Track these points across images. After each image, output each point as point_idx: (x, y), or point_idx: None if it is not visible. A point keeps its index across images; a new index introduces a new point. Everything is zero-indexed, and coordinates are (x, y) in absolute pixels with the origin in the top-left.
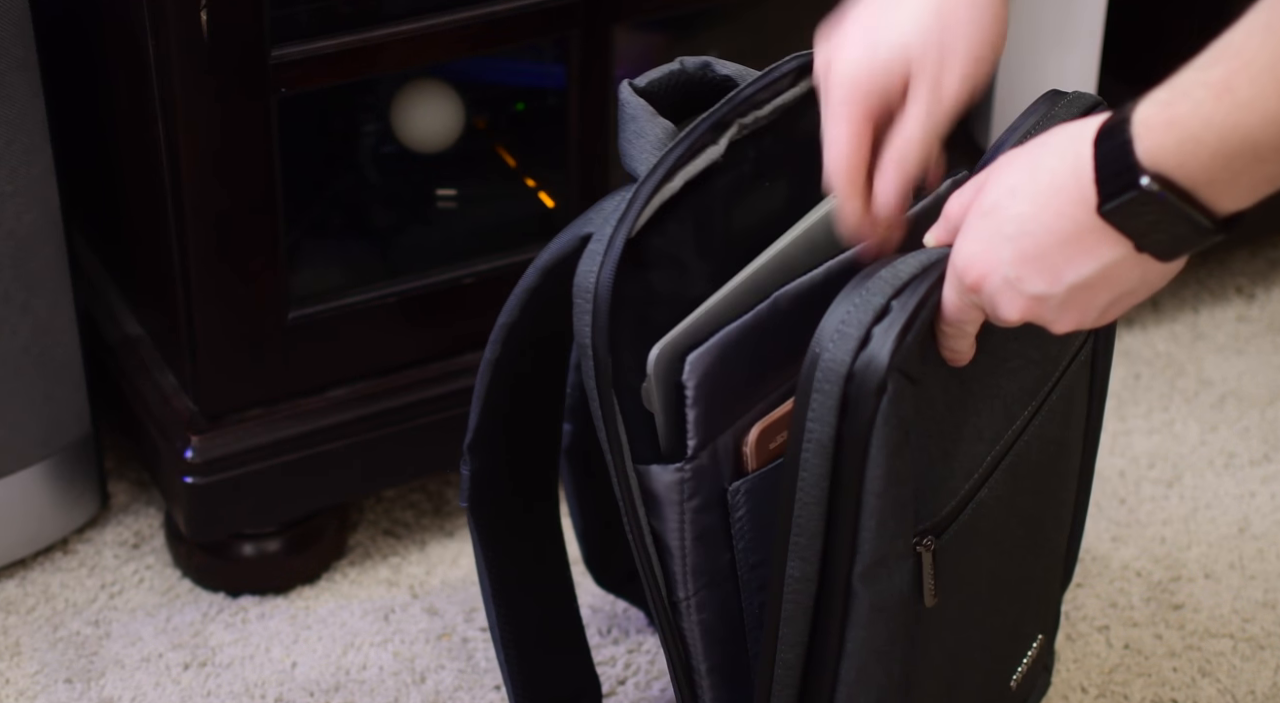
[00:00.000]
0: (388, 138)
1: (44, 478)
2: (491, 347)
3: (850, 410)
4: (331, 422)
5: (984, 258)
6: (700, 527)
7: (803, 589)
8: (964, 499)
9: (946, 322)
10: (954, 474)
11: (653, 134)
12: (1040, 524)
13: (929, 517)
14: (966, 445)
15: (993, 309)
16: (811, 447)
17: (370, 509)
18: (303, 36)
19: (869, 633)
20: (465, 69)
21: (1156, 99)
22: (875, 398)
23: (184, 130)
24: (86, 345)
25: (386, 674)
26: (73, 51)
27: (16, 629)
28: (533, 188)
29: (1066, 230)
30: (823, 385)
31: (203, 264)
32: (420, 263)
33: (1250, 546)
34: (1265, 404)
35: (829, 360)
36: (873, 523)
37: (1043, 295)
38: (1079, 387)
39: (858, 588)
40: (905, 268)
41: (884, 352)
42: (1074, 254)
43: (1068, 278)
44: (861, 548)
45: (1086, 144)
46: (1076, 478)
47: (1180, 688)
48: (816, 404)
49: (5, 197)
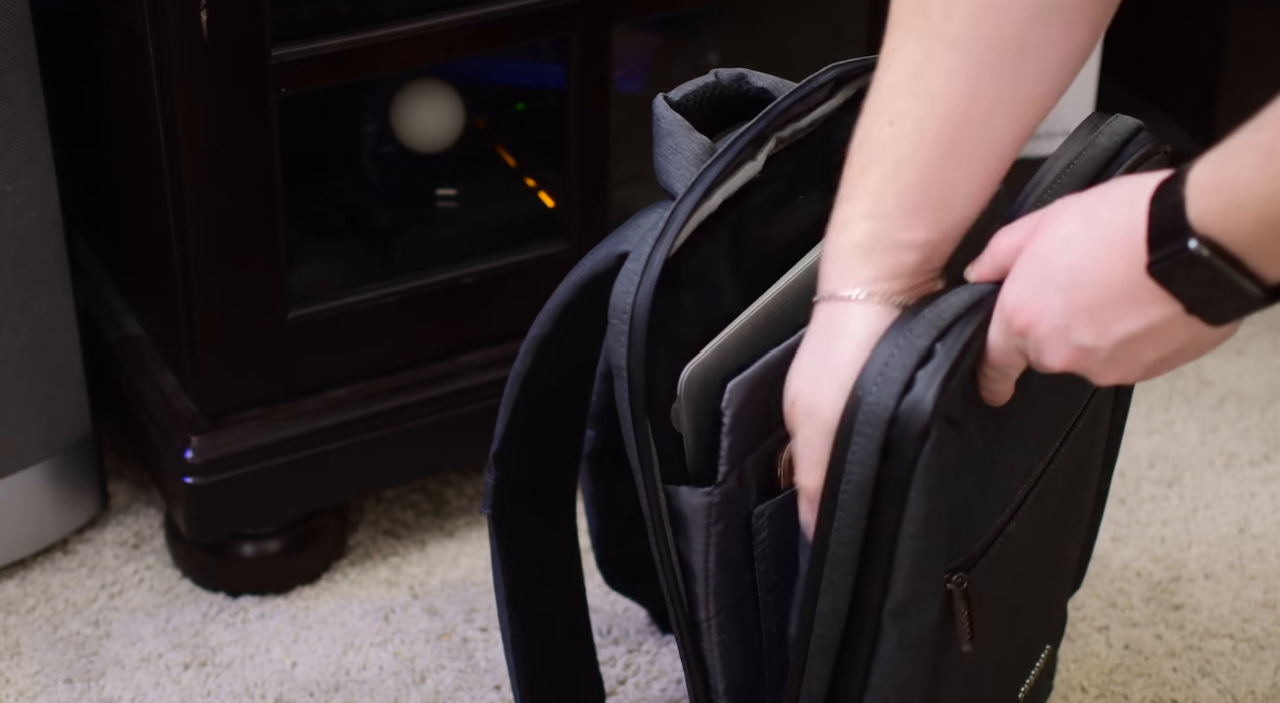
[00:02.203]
0: (388, 138)
1: (44, 478)
2: (522, 359)
3: (892, 454)
4: (331, 422)
5: (1033, 305)
6: (723, 549)
7: (832, 623)
8: (994, 534)
9: (990, 364)
10: (988, 510)
11: (689, 150)
12: (1060, 544)
13: (961, 553)
14: (1000, 481)
15: (1037, 355)
16: (850, 487)
17: (370, 509)
18: (303, 36)
19: (894, 668)
20: (465, 69)
21: (1210, 159)
22: (918, 442)
23: (184, 130)
24: (86, 345)
25: (386, 674)
26: (73, 51)
27: (16, 629)
28: (533, 188)
29: (1118, 286)
30: (864, 428)
31: (203, 264)
32: (420, 263)
33: (1250, 546)
34: (1265, 404)
35: (872, 403)
36: (907, 563)
37: (1090, 348)
38: (1104, 410)
39: (887, 625)
40: (949, 308)
41: (928, 397)
42: (1124, 310)
43: (1116, 333)
44: (894, 587)
45: (1143, 202)
46: (1094, 494)
47: (1180, 688)
48: (858, 446)
49: (5, 197)
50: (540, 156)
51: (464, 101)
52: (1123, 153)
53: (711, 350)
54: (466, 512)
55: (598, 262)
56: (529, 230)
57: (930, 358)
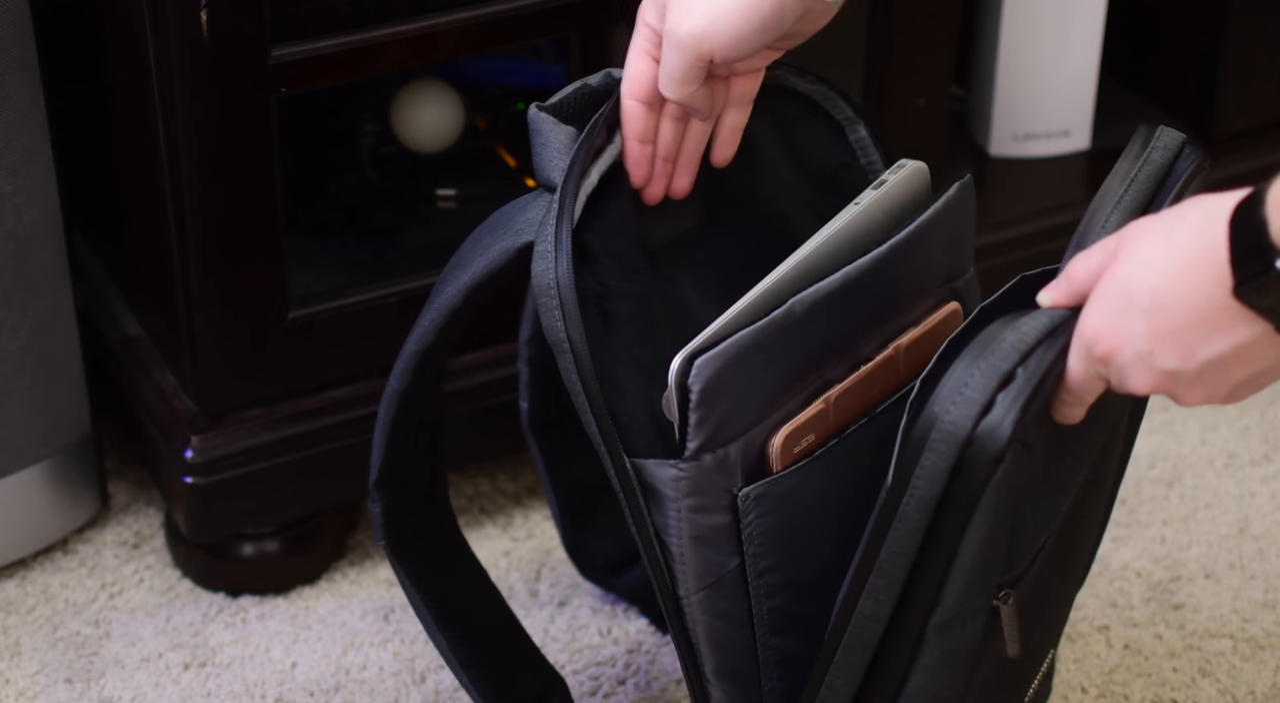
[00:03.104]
0: (388, 138)
1: (44, 478)
2: (399, 377)
3: (963, 474)
4: (331, 422)
5: (1116, 331)
6: (698, 528)
7: (870, 627)
8: (1040, 550)
9: (1069, 390)
10: (1038, 528)
11: (557, 141)
12: (1078, 553)
13: (1012, 570)
14: (1051, 498)
15: (1120, 380)
16: (914, 502)
17: None
18: (303, 36)
19: (932, 678)
20: (465, 69)
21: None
22: (991, 467)
23: (184, 130)
24: (86, 345)
25: (386, 674)
26: (73, 52)
27: (16, 629)
28: (532, 188)
29: (1202, 308)
30: (938, 446)
31: (203, 264)
32: (420, 263)
33: (1250, 546)
34: (1265, 404)
35: (949, 422)
36: (961, 581)
37: (1175, 371)
38: (1124, 419)
39: (931, 637)
40: (1031, 332)
41: (1007, 423)
42: (1209, 332)
43: (1201, 355)
44: (944, 602)
45: (1222, 223)
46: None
47: (1180, 688)
48: (929, 463)
49: (5, 196)
50: None
51: (464, 101)
52: (1175, 169)
53: (701, 339)
54: (466, 512)
55: (489, 261)
56: None
57: (1011, 381)
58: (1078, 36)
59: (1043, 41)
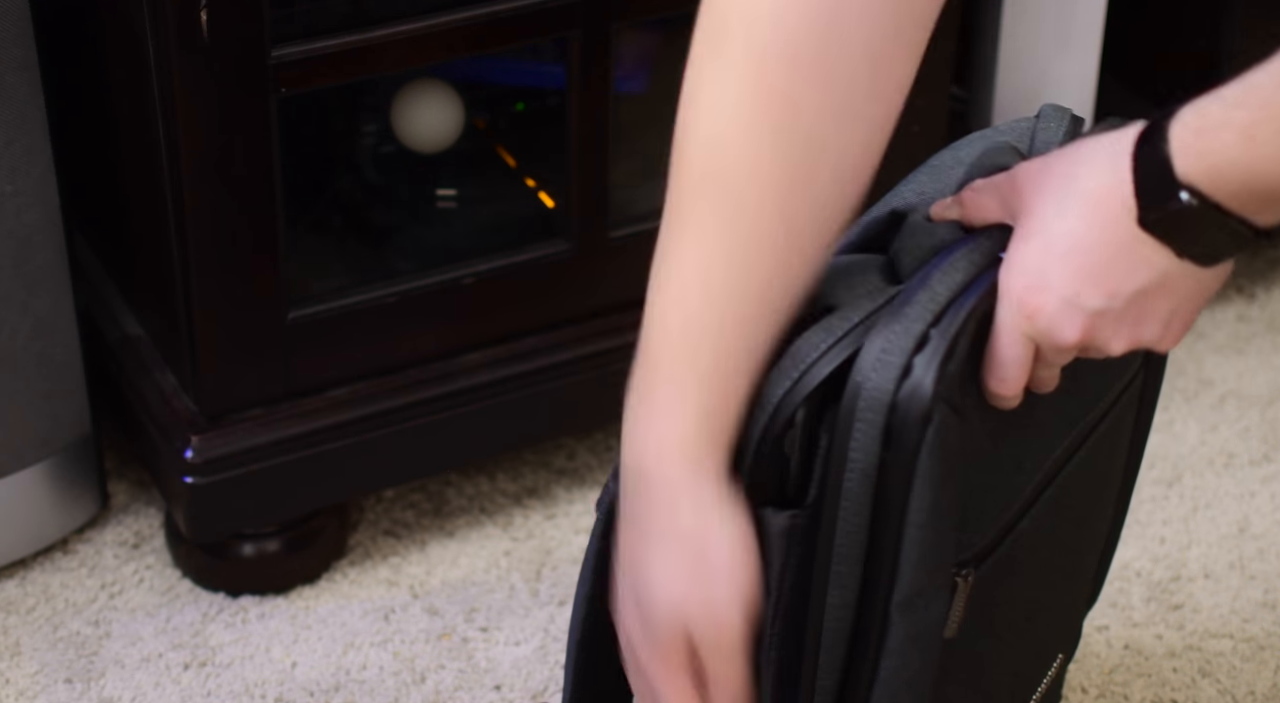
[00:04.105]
0: (388, 138)
1: (44, 478)
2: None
3: (894, 440)
4: (331, 422)
5: (1040, 280)
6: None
7: (842, 616)
8: (1003, 530)
9: (997, 362)
10: (995, 505)
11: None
12: (1078, 552)
13: (969, 547)
14: (1006, 476)
15: (1051, 334)
16: (854, 476)
17: (370, 509)
18: (303, 36)
19: (902, 662)
20: (465, 69)
21: (1188, 125)
22: (920, 428)
23: (184, 130)
24: (86, 345)
25: (386, 674)
26: (73, 52)
27: (16, 629)
28: (533, 188)
29: (1116, 241)
30: (865, 414)
31: (203, 264)
32: (420, 263)
33: (1250, 546)
34: (1265, 404)
35: (871, 389)
36: (914, 555)
37: (1102, 310)
38: (1126, 419)
39: (895, 617)
40: (943, 290)
41: (927, 381)
42: (1128, 264)
43: (1125, 289)
44: (902, 579)
45: (1125, 158)
46: (1114, 505)
47: (1180, 688)
48: (860, 433)
49: (5, 197)
50: (540, 156)
51: (464, 101)
52: None
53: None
54: (466, 512)
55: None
56: (529, 230)
57: (926, 343)
58: (1078, 36)
59: (1043, 41)
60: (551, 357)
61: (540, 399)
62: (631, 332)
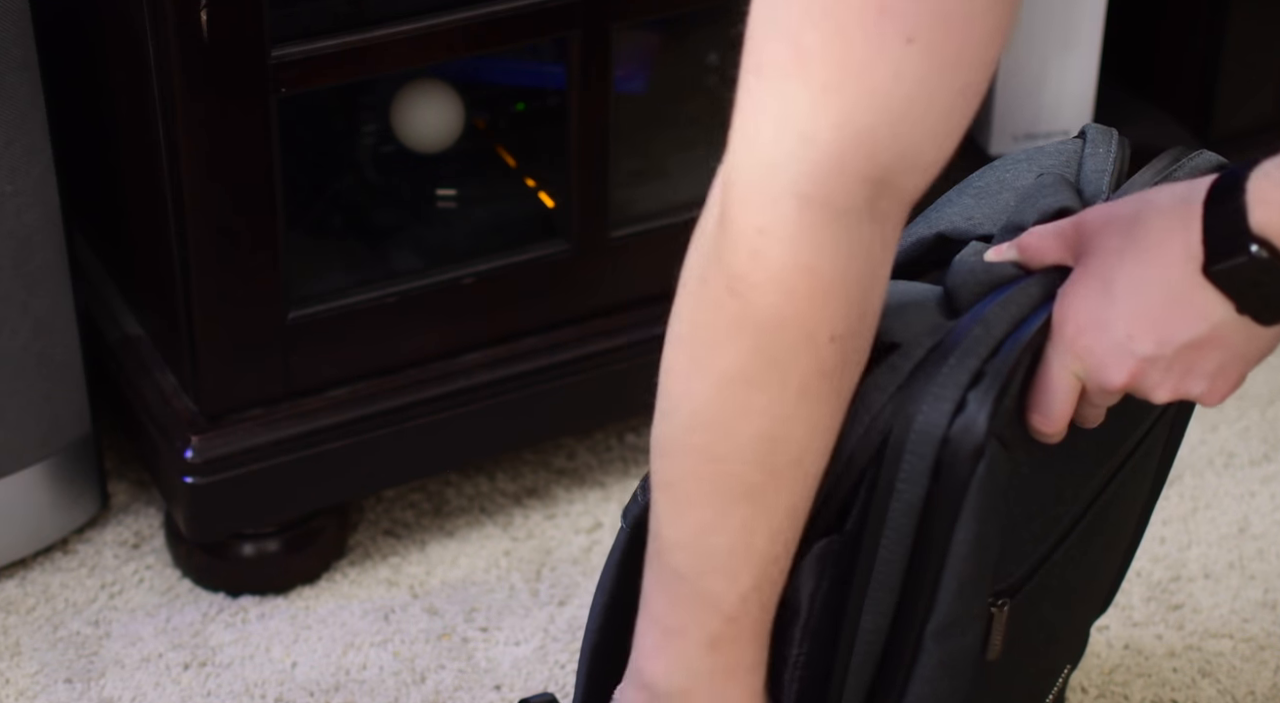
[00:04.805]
0: (388, 138)
1: (44, 478)
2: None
3: (944, 475)
4: (331, 422)
5: (1094, 320)
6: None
7: (874, 641)
8: (1040, 561)
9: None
10: (1034, 537)
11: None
12: (1098, 574)
13: (1006, 578)
14: (1045, 506)
15: (1099, 374)
16: (900, 506)
17: (370, 509)
18: (303, 36)
19: (932, 688)
20: (465, 69)
21: (1270, 175)
22: (971, 464)
23: (184, 130)
24: (86, 345)
25: (386, 674)
26: (73, 52)
27: (16, 629)
28: (533, 188)
29: (1176, 288)
30: (916, 448)
31: (203, 264)
32: (420, 263)
33: (1250, 546)
34: (1265, 404)
35: (923, 423)
36: (954, 585)
37: (1152, 356)
38: (1155, 446)
39: (929, 645)
40: (998, 325)
41: (981, 418)
42: (1184, 313)
43: (1178, 338)
44: (939, 608)
45: (1196, 205)
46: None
47: (1180, 688)
48: (909, 466)
49: (5, 197)
50: (540, 156)
51: (464, 101)
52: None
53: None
54: (466, 512)
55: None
56: (529, 230)
57: (981, 378)
58: (1078, 36)
59: (1043, 41)
60: (551, 357)
61: (540, 399)
62: (632, 331)
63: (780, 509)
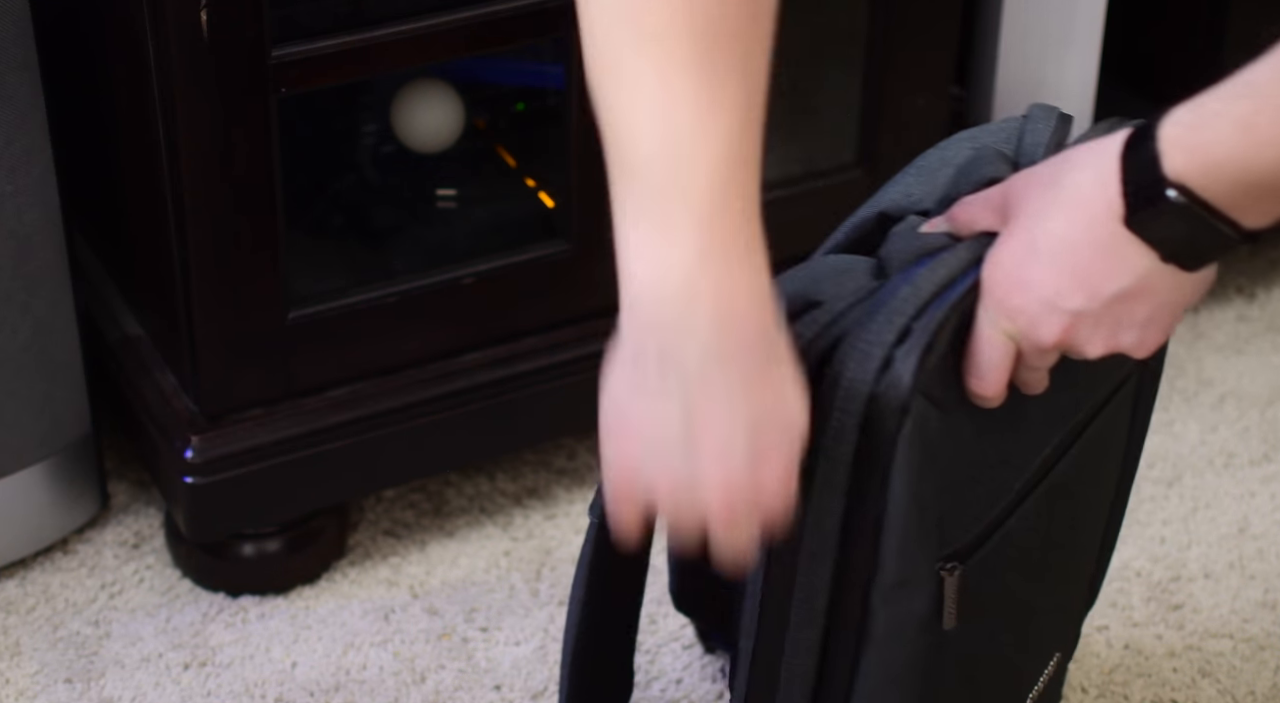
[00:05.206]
0: (388, 138)
1: (44, 478)
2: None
3: (872, 430)
4: (331, 422)
5: (1023, 280)
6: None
7: (815, 597)
8: (991, 526)
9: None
10: (980, 500)
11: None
12: (1070, 551)
13: (954, 542)
14: (992, 471)
15: (1031, 334)
16: (831, 463)
17: (370, 509)
18: (303, 36)
19: (885, 656)
20: (465, 69)
21: (1181, 121)
22: (897, 418)
23: (184, 130)
24: (86, 345)
25: (386, 674)
26: (73, 51)
27: (16, 629)
28: (533, 188)
29: (1099, 241)
30: (844, 404)
31: (203, 264)
32: (420, 263)
33: (1250, 546)
34: (1265, 404)
35: (850, 380)
36: (894, 543)
37: (1081, 311)
38: (1121, 418)
39: (876, 605)
40: (926, 286)
41: (906, 373)
42: (1110, 265)
43: (1106, 291)
44: (883, 567)
45: (1111, 158)
46: (1110, 503)
47: (1180, 688)
48: (838, 422)
49: (5, 196)
50: (540, 156)
51: (464, 101)
52: None
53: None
54: (466, 512)
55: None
56: (529, 230)
57: (907, 336)
58: (1078, 36)
59: (1043, 41)
60: (551, 357)
61: (540, 399)
62: None
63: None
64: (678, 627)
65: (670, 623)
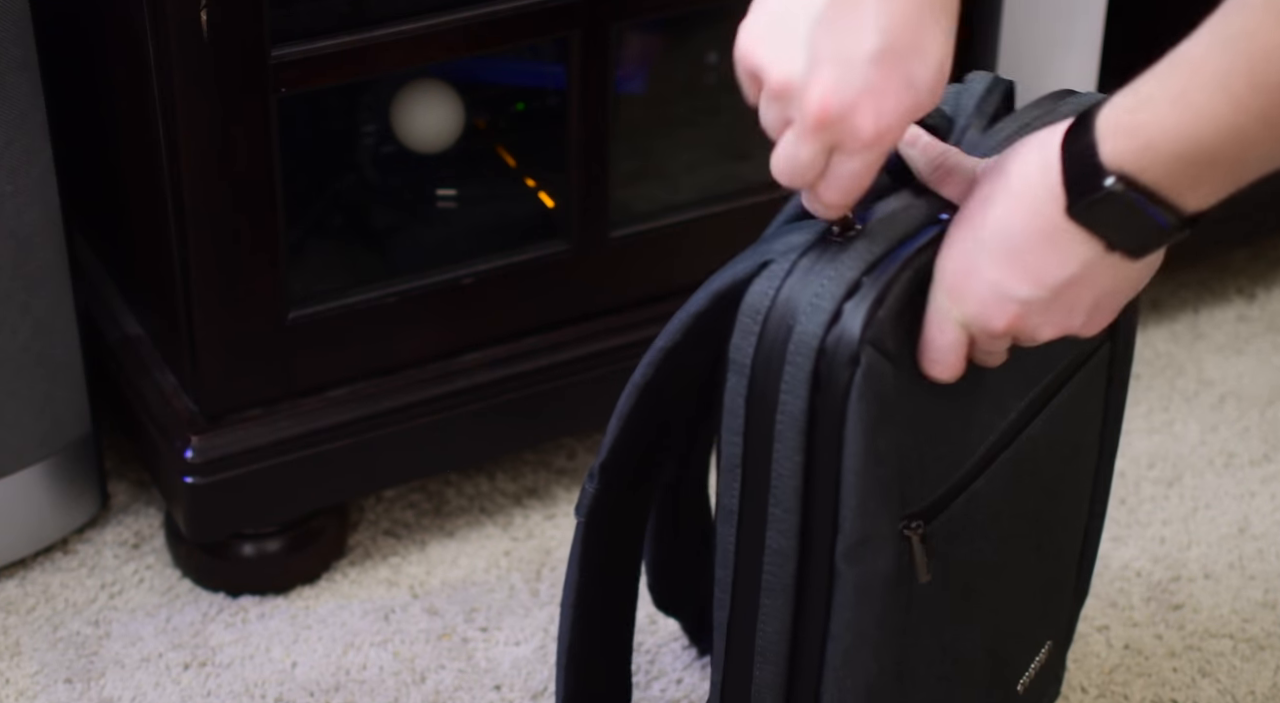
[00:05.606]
0: (388, 138)
1: (44, 478)
2: (643, 370)
3: (823, 385)
4: (331, 422)
5: (969, 267)
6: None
7: (783, 562)
8: (956, 487)
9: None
10: (943, 460)
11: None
12: (1049, 526)
13: (917, 502)
14: (955, 432)
15: (982, 319)
16: (785, 419)
17: (370, 509)
18: (303, 36)
19: (855, 615)
20: (465, 69)
21: (1119, 105)
22: (848, 371)
23: (184, 130)
24: (86, 345)
25: (386, 674)
26: (73, 51)
27: (16, 629)
28: (533, 188)
29: (1043, 231)
30: (795, 358)
31: (203, 264)
32: (420, 263)
33: (1250, 546)
34: (1265, 404)
35: (801, 333)
36: (853, 501)
37: (1029, 299)
38: (1093, 389)
39: (841, 567)
40: (881, 241)
41: (855, 326)
42: (1053, 254)
43: (1051, 279)
44: (843, 526)
45: (1053, 148)
46: (1091, 484)
47: (1180, 688)
48: (789, 376)
49: (5, 196)
50: (540, 156)
51: (464, 101)
52: None
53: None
54: (466, 512)
55: (738, 272)
56: (529, 230)
57: (858, 290)
58: (1078, 36)
59: (1043, 41)
60: (551, 357)
61: (540, 399)
62: (632, 331)
63: None
64: (678, 627)
65: (670, 623)
